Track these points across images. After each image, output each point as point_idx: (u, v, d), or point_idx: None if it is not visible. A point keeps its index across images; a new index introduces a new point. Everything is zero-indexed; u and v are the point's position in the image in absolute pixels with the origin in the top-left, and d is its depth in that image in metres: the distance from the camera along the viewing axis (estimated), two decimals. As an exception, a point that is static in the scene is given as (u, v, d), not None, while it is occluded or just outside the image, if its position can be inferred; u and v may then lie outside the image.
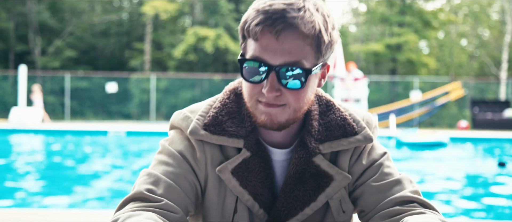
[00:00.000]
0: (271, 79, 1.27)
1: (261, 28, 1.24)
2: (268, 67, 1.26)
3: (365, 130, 1.44)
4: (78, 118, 25.43)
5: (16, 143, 13.67)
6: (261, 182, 1.40)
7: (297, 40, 1.25)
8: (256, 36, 1.26)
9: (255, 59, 1.28)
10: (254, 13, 1.27)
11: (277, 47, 1.25)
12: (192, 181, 1.39)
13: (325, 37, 1.28)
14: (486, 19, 36.61)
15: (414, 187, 1.41)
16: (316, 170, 1.40)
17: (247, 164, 1.39)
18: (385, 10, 31.14)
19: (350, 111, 1.49)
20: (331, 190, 1.41)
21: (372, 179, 1.42)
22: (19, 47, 29.15)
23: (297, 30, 1.24)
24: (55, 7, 30.77)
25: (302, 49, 1.26)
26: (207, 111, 1.44)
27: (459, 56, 35.74)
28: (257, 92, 1.31)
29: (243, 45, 1.33)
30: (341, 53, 18.74)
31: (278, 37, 1.24)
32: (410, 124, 22.35)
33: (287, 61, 1.26)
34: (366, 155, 1.45)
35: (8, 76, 26.09)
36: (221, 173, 1.38)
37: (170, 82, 26.60)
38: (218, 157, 1.41)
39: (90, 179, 7.56)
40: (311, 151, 1.40)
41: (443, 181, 7.70)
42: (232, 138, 1.39)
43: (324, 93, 1.51)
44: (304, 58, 1.27)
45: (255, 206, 1.40)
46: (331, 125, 1.44)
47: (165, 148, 1.43)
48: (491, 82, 29.15)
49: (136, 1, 33.84)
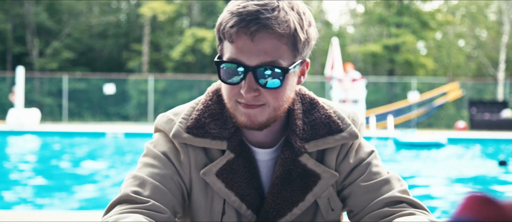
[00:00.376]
0: (249, 80, 1.27)
1: (235, 30, 1.25)
2: (245, 68, 1.27)
3: (350, 127, 1.43)
4: (76, 119, 25.41)
5: (14, 145, 13.65)
6: (246, 182, 1.39)
7: (273, 40, 1.25)
8: (232, 39, 1.26)
9: (232, 61, 1.28)
10: (229, 16, 1.27)
11: (252, 48, 1.25)
12: (178, 182, 1.39)
13: (301, 35, 1.29)
14: (483, 20, 36.68)
15: (403, 186, 1.41)
16: (302, 170, 1.40)
17: (232, 165, 1.39)
18: (383, 11, 31.17)
19: (334, 108, 1.48)
20: (319, 188, 1.40)
21: (361, 178, 1.41)
22: (16, 49, 29.11)
23: (272, 30, 1.24)
24: (53, 9, 30.74)
25: (278, 49, 1.27)
26: (189, 113, 1.45)
27: (456, 57, 35.79)
28: (236, 93, 1.31)
29: (219, 47, 1.34)
30: (338, 55, 18.77)
31: (253, 38, 1.24)
32: (408, 125, 22.37)
33: (264, 62, 1.26)
34: (353, 153, 1.45)
35: (6, 78, 26.05)
36: (205, 175, 1.38)
37: (168, 84, 26.59)
38: (202, 160, 1.41)
39: (88, 180, 7.55)
40: (296, 150, 1.39)
41: (442, 181, 7.71)
42: (215, 140, 1.39)
43: (308, 92, 1.51)
44: (280, 57, 1.27)
45: (242, 207, 1.40)
46: (316, 123, 1.43)
47: (150, 150, 1.43)
48: (488, 83, 29.19)
49: (134, 2, 33.83)
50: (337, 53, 18.65)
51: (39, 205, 5.74)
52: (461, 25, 37.42)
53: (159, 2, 28.67)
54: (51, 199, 6.03)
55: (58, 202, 5.89)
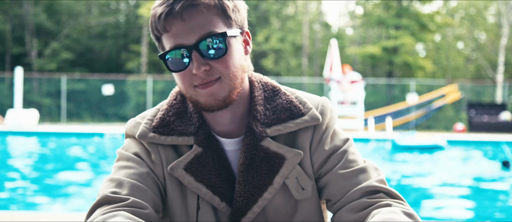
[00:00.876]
0: (195, 58, 1.29)
1: (164, 18, 1.29)
2: (187, 48, 1.29)
3: (311, 111, 1.44)
4: (74, 120, 25.39)
5: (12, 145, 13.63)
6: (216, 174, 1.40)
7: (201, 13, 1.29)
8: (165, 28, 1.30)
9: (173, 48, 1.31)
10: (154, 10, 1.31)
11: (186, 27, 1.29)
12: (154, 180, 1.40)
13: (228, 3, 1.33)
14: (482, 22, 36.73)
15: (380, 176, 1.41)
16: (265, 153, 1.40)
17: (200, 158, 1.39)
18: (382, 13, 31.19)
19: (297, 94, 1.49)
20: (285, 169, 1.40)
21: (337, 166, 1.41)
22: (15, 49, 29.11)
23: (197, 4, 1.28)
24: (52, 9, 30.75)
25: (210, 20, 1.30)
26: (154, 114, 1.47)
27: (455, 59, 35.83)
28: (189, 78, 1.33)
29: (160, 46, 1.37)
30: (337, 56, 18.78)
31: (183, 18, 1.28)
32: (407, 127, 22.38)
33: (201, 35, 1.29)
34: (329, 140, 1.45)
35: (5, 78, 26.04)
36: (173, 171, 1.39)
37: (166, 85, 26.59)
38: (172, 157, 1.42)
39: (87, 181, 7.54)
40: (257, 135, 1.40)
41: (443, 183, 7.71)
42: (182, 136, 1.41)
43: (270, 80, 1.52)
44: (215, 27, 1.31)
45: (215, 199, 1.39)
46: (277, 108, 1.44)
47: (122, 154, 1.44)
48: (487, 85, 29.21)
49: (133, 3, 33.84)
50: (336, 55, 18.66)
51: (37, 206, 5.74)
52: (460, 27, 37.47)
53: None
54: (49, 200, 6.02)
55: (56, 203, 5.88)
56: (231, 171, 1.43)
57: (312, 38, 35.81)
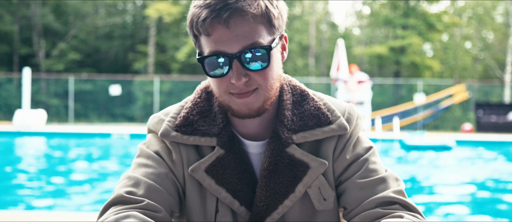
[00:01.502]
0: (235, 68, 1.26)
1: (209, 22, 1.24)
2: (229, 57, 1.26)
3: (339, 119, 1.41)
4: (82, 121, 25.47)
5: (20, 145, 13.69)
6: (238, 178, 1.37)
7: (247, 22, 1.25)
8: (207, 32, 1.26)
9: (214, 54, 1.27)
10: (198, 10, 1.27)
11: (230, 35, 1.24)
12: (173, 180, 1.38)
13: (274, 11, 1.29)
14: (490, 22, 36.56)
15: (399, 186, 1.37)
16: (290, 160, 1.37)
17: (222, 161, 1.37)
18: (389, 13, 31.10)
19: (325, 100, 1.47)
20: (309, 178, 1.37)
21: (357, 175, 1.38)
22: (23, 50, 29.24)
23: (244, 13, 1.24)
24: (59, 10, 30.87)
25: (255, 30, 1.26)
26: (178, 111, 1.45)
27: (463, 59, 35.67)
28: (226, 85, 1.30)
29: (197, 44, 1.33)
30: (344, 56, 18.74)
31: (228, 25, 1.24)
32: (414, 127, 22.31)
33: (245, 46, 1.25)
34: (351, 149, 1.42)
35: (13, 79, 26.16)
36: (194, 172, 1.37)
37: (173, 85, 26.63)
38: (194, 158, 1.40)
39: (94, 181, 7.56)
40: (283, 141, 1.37)
41: (453, 184, 7.68)
42: (205, 136, 1.38)
43: (299, 83, 1.50)
44: (260, 37, 1.27)
45: (234, 203, 1.37)
46: (305, 115, 1.42)
47: (143, 151, 1.42)
48: (495, 85, 29.07)
49: (140, 3, 33.91)
50: (343, 55, 18.62)
51: (45, 206, 5.76)
52: (468, 27, 37.30)
53: (165, 3, 28.72)
54: (57, 200, 6.04)
55: (63, 203, 5.90)
56: (253, 175, 1.40)
57: (319, 38, 35.77)
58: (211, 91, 1.46)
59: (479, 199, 6.54)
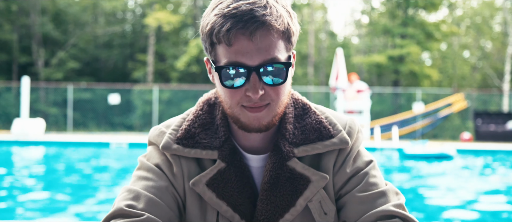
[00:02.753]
0: (253, 81, 1.26)
1: (234, 33, 1.23)
2: (248, 69, 1.25)
3: (341, 133, 1.41)
4: (80, 129, 25.44)
5: (18, 155, 13.66)
6: (239, 191, 1.37)
7: (271, 36, 1.25)
8: (230, 41, 1.24)
9: (233, 64, 1.26)
10: (221, 19, 1.24)
11: (253, 48, 1.24)
12: (173, 194, 1.38)
13: (293, 29, 1.30)
14: (488, 31, 36.67)
15: (399, 200, 1.37)
16: (291, 174, 1.37)
17: (223, 174, 1.36)
18: (388, 22, 31.19)
19: (327, 114, 1.47)
20: (309, 192, 1.37)
21: (357, 188, 1.38)
22: (22, 59, 29.26)
23: (271, 27, 1.24)
24: (59, 19, 30.93)
25: (276, 45, 1.26)
26: (180, 124, 1.44)
27: (461, 68, 35.75)
28: (240, 97, 1.30)
29: (212, 53, 1.31)
30: (343, 65, 18.77)
31: (253, 38, 1.23)
32: (413, 136, 22.30)
33: (265, 60, 1.26)
34: (351, 162, 1.42)
35: (11, 88, 26.15)
36: (195, 186, 1.36)
37: (172, 94, 26.63)
38: (195, 171, 1.39)
39: (93, 191, 7.54)
40: (285, 155, 1.37)
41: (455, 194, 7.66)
42: (206, 149, 1.38)
43: (300, 97, 1.50)
44: (279, 53, 1.27)
45: (235, 217, 1.36)
46: (306, 128, 1.42)
47: (144, 164, 1.42)
48: (494, 94, 29.10)
49: (139, 12, 33.98)
50: (342, 64, 18.65)
51: (43, 215, 5.73)
52: (466, 36, 37.41)
53: (164, 12, 28.79)
54: (56, 209, 6.02)
55: (62, 213, 5.88)
56: (254, 188, 1.40)
57: (318, 47, 35.83)
58: (213, 103, 1.46)
59: (482, 211, 6.52)
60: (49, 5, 30.46)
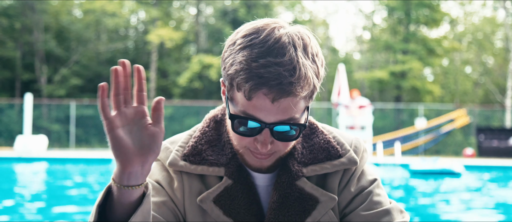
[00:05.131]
0: (265, 135, 1.25)
1: (255, 91, 1.19)
2: (262, 124, 1.23)
3: (349, 153, 1.42)
4: (83, 146, 25.45)
5: (21, 171, 13.65)
6: (245, 209, 1.36)
7: (293, 99, 1.21)
8: (250, 97, 1.20)
9: (249, 118, 1.23)
10: (246, 73, 1.19)
11: (272, 108, 1.21)
12: (172, 209, 1.38)
13: (317, 86, 1.26)
14: (490, 47, 36.72)
15: (404, 218, 1.38)
16: (299, 193, 1.37)
17: (230, 192, 1.36)
18: (389, 38, 31.28)
19: (334, 133, 1.47)
20: (318, 213, 1.37)
21: (361, 207, 1.38)
22: (25, 76, 29.35)
23: (295, 96, 1.20)
24: (62, 36, 31.07)
25: (296, 106, 1.23)
26: (186, 141, 1.44)
27: (463, 84, 35.76)
28: (248, 142, 1.29)
29: (230, 91, 1.26)
30: (345, 81, 18.79)
31: (274, 102, 1.20)
32: (416, 152, 22.26)
33: (282, 119, 1.23)
34: (355, 181, 1.42)
35: (14, 105, 26.21)
36: (202, 203, 1.36)
37: (175, 110, 26.66)
38: (197, 187, 1.39)
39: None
40: (293, 174, 1.37)
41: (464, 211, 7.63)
42: (213, 166, 1.38)
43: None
44: (297, 113, 1.25)
45: None
46: (315, 148, 1.41)
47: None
48: (496, 109, 29.09)
49: (142, 28, 34.15)
50: (344, 80, 18.68)
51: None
52: (468, 52, 37.46)
53: (166, 29, 28.92)
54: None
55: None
56: (261, 207, 1.39)
57: (319, 63, 35.86)
58: (220, 120, 1.46)
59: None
60: (52, 22, 30.62)
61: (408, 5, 29.55)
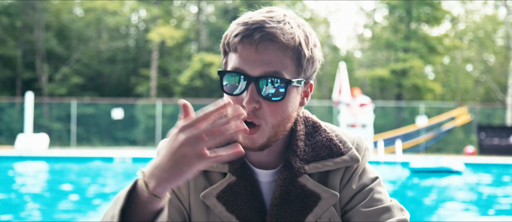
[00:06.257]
0: (251, 91, 1.26)
1: (239, 39, 1.25)
2: (248, 78, 1.26)
3: (351, 151, 1.42)
4: (84, 144, 25.47)
5: (22, 170, 13.67)
6: (248, 205, 1.37)
7: (277, 51, 1.25)
8: (236, 48, 1.27)
9: (235, 71, 1.27)
10: (234, 26, 1.28)
11: (256, 58, 1.25)
12: (177, 206, 1.38)
13: (305, 51, 1.29)
14: (491, 45, 36.69)
15: (404, 216, 1.38)
16: (301, 190, 1.37)
17: (233, 188, 1.37)
18: (390, 36, 31.25)
19: (336, 132, 1.48)
20: (319, 209, 1.37)
21: (361, 204, 1.39)
22: (26, 75, 29.37)
23: (276, 40, 1.24)
24: (63, 35, 31.08)
25: (282, 61, 1.26)
26: None
27: (464, 82, 35.74)
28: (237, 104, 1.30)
29: (224, 60, 1.34)
30: (346, 79, 18.79)
31: (257, 48, 1.24)
32: (417, 150, 22.26)
33: (267, 72, 1.25)
34: (357, 179, 1.43)
35: (15, 103, 26.23)
36: (205, 198, 1.37)
37: (176, 108, 26.66)
38: (201, 183, 1.40)
39: (97, 206, 7.53)
40: (296, 171, 1.38)
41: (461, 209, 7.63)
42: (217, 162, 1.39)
43: (311, 115, 1.50)
44: (284, 69, 1.27)
45: None
46: (317, 145, 1.42)
47: None
48: (497, 107, 29.07)
49: (143, 27, 34.15)
50: (345, 78, 18.68)
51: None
52: (469, 50, 37.44)
53: (167, 27, 28.92)
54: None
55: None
56: (263, 203, 1.40)
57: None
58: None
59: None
60: (53, 21, 30.62)
61: (409, 3, 29.52)
